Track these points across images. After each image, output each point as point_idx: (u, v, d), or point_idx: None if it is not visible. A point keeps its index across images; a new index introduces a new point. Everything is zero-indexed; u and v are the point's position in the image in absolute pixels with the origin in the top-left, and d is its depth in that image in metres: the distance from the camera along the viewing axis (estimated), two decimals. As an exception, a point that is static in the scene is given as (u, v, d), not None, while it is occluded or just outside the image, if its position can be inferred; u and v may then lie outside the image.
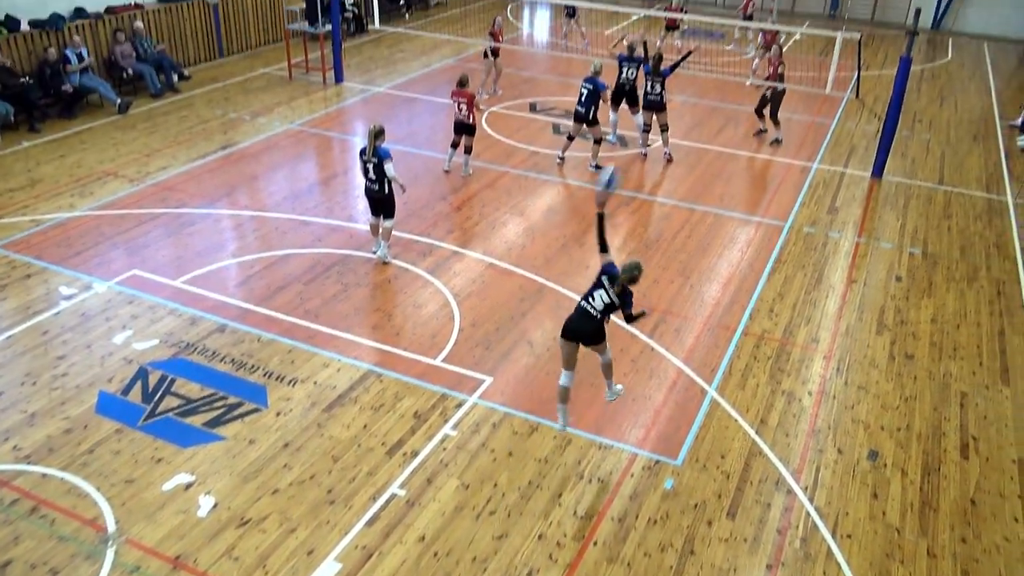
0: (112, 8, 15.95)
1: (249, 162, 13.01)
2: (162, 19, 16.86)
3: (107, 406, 7.44)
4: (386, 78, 17.73)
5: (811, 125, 15.97)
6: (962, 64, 21.49)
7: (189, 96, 16.03)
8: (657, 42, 19.95)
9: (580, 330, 6.83)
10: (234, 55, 18.76)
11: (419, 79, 17.79)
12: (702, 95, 17.52)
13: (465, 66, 18.80)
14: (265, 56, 18.99)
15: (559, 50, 20.49)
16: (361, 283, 9.60)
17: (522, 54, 20.22)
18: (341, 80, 17.21)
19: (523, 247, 10.66)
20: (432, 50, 20.18)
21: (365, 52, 19.85)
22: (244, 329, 8.61)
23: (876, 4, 25.52)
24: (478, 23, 22.99)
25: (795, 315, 9.39)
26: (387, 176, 9.50)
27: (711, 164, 13.72)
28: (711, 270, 10.28)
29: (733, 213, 11.90)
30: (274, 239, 10.57)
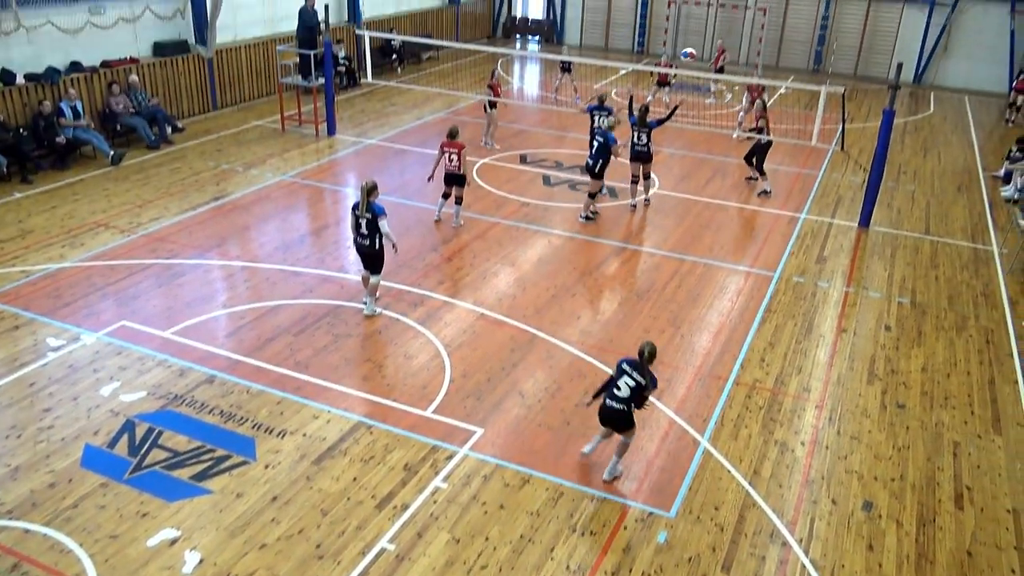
0: (108, 62, 16.19)
1: (241, 213, 13.09)
2: (157, 73, 17.12)
3: (92, 459, 7.35)
4: (378, 130, 17.97)
5: (798, 176, 16.22)
6: (944, 117, 21.97)
7: (182, 148, 16.19)
8: (648, 96, 20.35)
9: (611, 420, 7.30)
10: (228, 108, 19.01)
11: (411, 131, 18.03)
12: (690, 147, 17.81)
13: (456, 119, 19.10)
14: (258, 109, 19.25)
15: (549, 103, 20.86)
16: (352, 334, 9.60)
17: (513, 107, 20.57)
18: (334, 132, 17.43)
19: (514, 297, 10.70)
20: (424, 103, 20.51)
21: (357, 105, 20.15)
22: (233, 380, 8.56)
23: (859, 59, 26.18)
24: (469, 77, 23.42)
25: (786, 365, 9.42)
26: (379, 232, 9.54)
27: (700, 215, 13.89)
28: (701, 320, 10.33)
29: (723, 263, 12.01)
30: (265, 290, 10.58)
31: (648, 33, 28.44)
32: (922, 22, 25.03)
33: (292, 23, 19.28)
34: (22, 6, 14.48)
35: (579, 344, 9.60)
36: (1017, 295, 11.48)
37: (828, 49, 26.32)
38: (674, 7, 27.44)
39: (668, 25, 27.57)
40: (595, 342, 9.67)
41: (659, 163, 16.47)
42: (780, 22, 26.63)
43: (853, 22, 25.93)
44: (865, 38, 25.91)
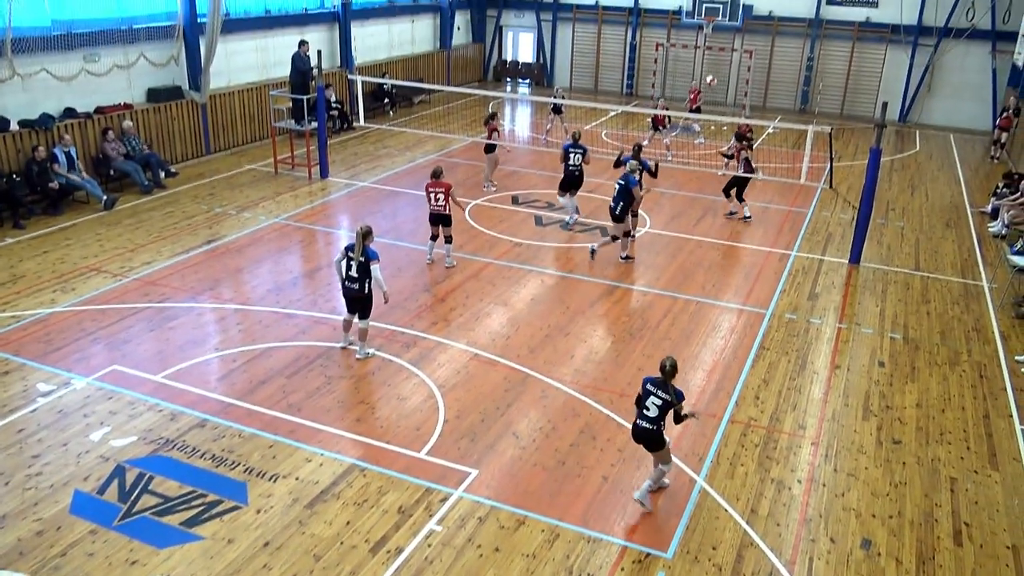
0: (102, 108, 16.34)
1: (234, 256, 13.13)
2: (151, 118, 17.28)
3: (82, 506, 7.26)
4: (370, 173, 18.12)
5: (788, 214, 16.39)
6: (930, 155, 22.30)
7: (175, 192, 16.28)
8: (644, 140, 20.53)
9: (642, 439, 7.44)
10: (221, 152, 19.17)
11: (403, 174, 18.20)
12: (680, 186, 18.00)
13: (448, 161, 19.29)
14: (251, 153, 19.41)
15: (540, 145, 21.10)
16: (345, 376, 9.57)
17: (504, 149, 20.72)
18: (326, 175, 17.57)
19: (507, 337, 10.71)
20: (416, 146, 20.72)
21: (350, 148, 20.35)
22: (225, 424, 8.51)
23: (844, 98, 26.63)
24: (460, 120, 23.70)
25: (781, 402, 9.42)
26: (370, 277, 9.54)
27: (692, 253, 13.99)
28: (695, 358, 10.35)
29: (715, 301, 12.07)
30: (257, 332, 10.57)
31: (636, 75, 28.91)
32: (905, 62, 25.54)
33: (285, 68, 19.56)
34: (17, 54, 14.67)
35: (573, 383, 9.59)
36: (1008, 330, 11.55)
37: (814, 89, 26.78)
38: (661, 50, 27.95)
39: (656, 67, 28.04)
40: (589, 381, 9.66)
41: (650, 202, 16.64)
42: (766, 64, 27.12)
43: (838, 63, 26.43)
44: (850, 78, 26.39)
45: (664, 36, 27.99)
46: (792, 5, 26.44)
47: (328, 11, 22.56)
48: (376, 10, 24.83)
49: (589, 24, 29.29)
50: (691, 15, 26.77)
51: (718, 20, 26.45)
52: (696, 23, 26.89)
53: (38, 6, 15.05)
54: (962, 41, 24.67)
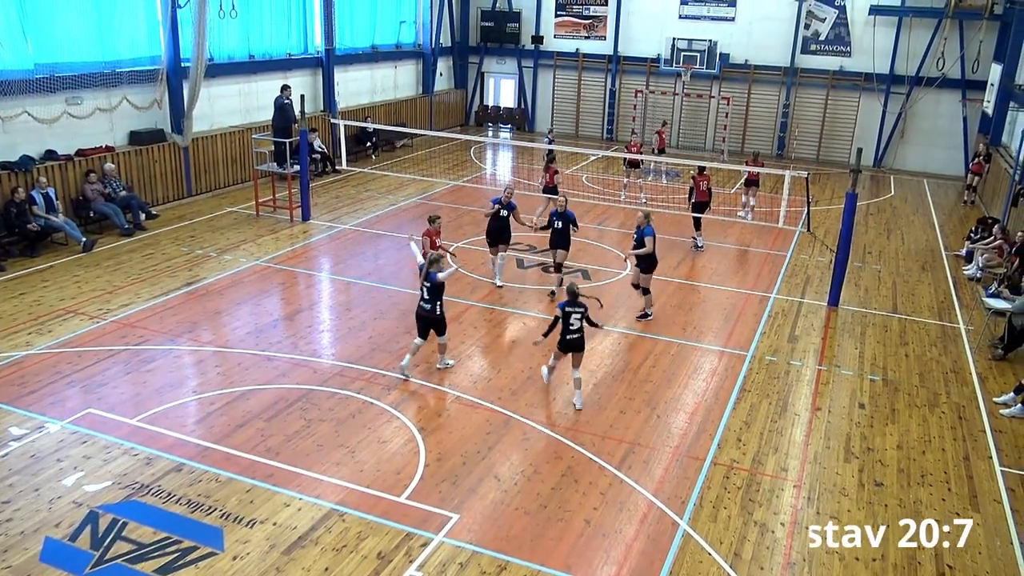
0: (83, 151, 16.35)
1: (213, 298, 13.07)
2: (132, 160, 17.30)
3: (52, 553, 7.10)
4: (352, 216, 18.20)
5: (767, 257, 16.59)
6: (905, 199, 22.74)
7: (156, 234, 16.24)
8: (623, 180, 20.85)
9: (574, 345, 9.97)
10: (202, 194, 19.18)
11: (385, 217, 18.28)
12: (661, 230, 18.13)
13: (431, 204, 19.41)
14: (233, 195, 19.44)
15: (523, 188, 21.29)
16: (324, 418, 9.50)
17: (487, 192, 20.90)
18: (308, 218, 17.62)
19: (488, 380, 10.69)
20: (398, 189, 20.86)
21: (332, 191, 20.45)
22: (202, 468, 8.39)
23: (820, 144, 27.18)
24: (442, 164, 23.92)
25: (763, 444, 9.44)
26: (439, 299, 10.36)
27: (672, 295, 14.10)
28: (677, 400, 10.37)
29: (696, 343, 12.14)
30: (236, 375, 10.49)
31: (616, 121, 29.39)
32: (879, 109, 26.17)
33: (268, 112, 19.69)
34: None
35: (555, 426, 9.57)
36: (986, 371, 11.69)
37: (790, 135, 27.33)
38: (641, 96, 28.48)
39: (636, 113, 28.54)
40: (570, 424, 9.64)
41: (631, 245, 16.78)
42: (743, 110, 27.68)
43: (813, 109, 27.04)
44: (825, 124, 26.98)
45: (643, 83, 28.55)
46: (768, 54, 27.11)
47: (312, 56, 22.83)
48: (359, 56, 25.17)
49: (570, 71, 29.83)
50: (669, 63, 27.36)
51: (696, 68, 27.04)
52: (674, 71, 27.46)
53: (21, 49, 15.13)
54: (933, 89, 25.36)
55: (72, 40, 16.11)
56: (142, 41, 17.56)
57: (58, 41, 15.85)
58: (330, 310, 13.07)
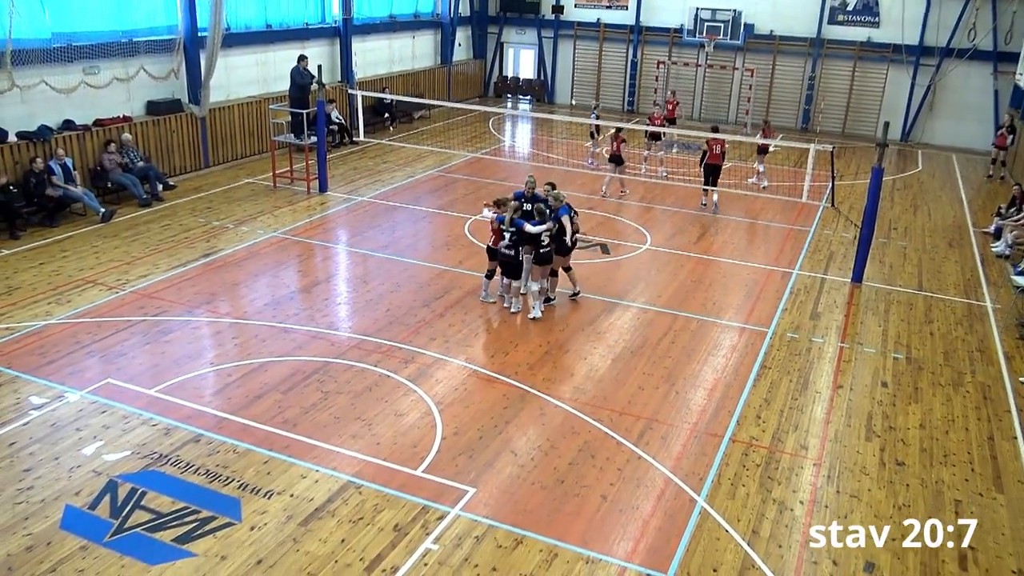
0: (100, 120, 16.38)
1: (231, 269, 13.12)
2: (149, 131, 17.32)
3: (73, 521, 7.20)
4: (370, 187, 18.15)
5: (790, 232, 16.41)
6: (932, 174, 22.37)
7: (173, 205, 16.29)
8: (644, 152, 20.61)
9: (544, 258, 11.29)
10: (219, 165, 19.19)
11: (402, 189, 18.23)
12: (682, 203, 18.03)
13: (447, 176, 19.33)
14: (250, 166, 19.45)
15: (540, 161, 21.13)
16: (341, 391, 9.54)
17: (505, 165, 20.79)
18: (325, 189, 17.60)
19: (506, 354, 10.68)
20: (415, 161, 20.77)
21: (350, 162, 20.40)
22: (220, 439, 8.46)
23: (846, 117, 26.74)
24: (461, 136, 23.78)
25: (783, 421, 9.38)
26: (520, 248, 11.32)
27: (693, 270, 13.99)
28: (696, 376, 10.32)
29: (716, 319, 12.06)
30: (253, 347, 10.54)
31: (638, 93, 29.04)
32: (907, 82, 25.67)
33: (284, 83, 19.63)
34: (17, 66, 14.72)
35: (572, 401, 9.56)
36: (1012, 351, 11.53)
37: (816, 108, 26.91)
38: (663, 68, 28.10)
39: (657, 85, 28.18)
40: (588, 399, 9.63)
41: (651, 219, 16.66)
42: (768, 82, 27.26)
43: (840, 82, 26.57)
44: (852, 97, 26.52)
45: (666, 54, 28.15)
46: (793, 24, 26.61)
47: (329, 26, 22.69)
48: (377, 26, 24.98)
49: (590, 41, 29.47)
50: (692, 33, 26.93)
51: (719, 38, 26.60)
52: (698, 41, 27.04)
53: (38, 18, 15.12)
54: (964, 61, 24.81)
55: (89, 9, 16.08)
56: (159, 10, 17.50)
57: (75, 10, 15.82)
58: (347, 282, 13.10)
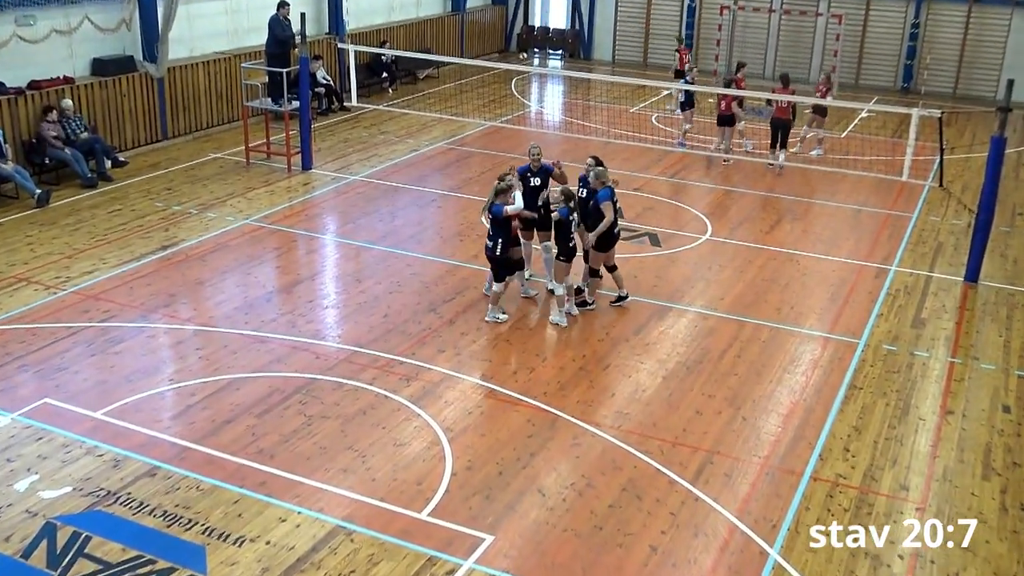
0: (36, 82, 16.58)
1: (194, 265, 13.24)
2: (95, 95, 17.53)
3: (1, 573, 7.30)
4: (364, 164, 18.25)
5: (887, 219, 16.29)
6: (1068, 146, 22.08)
7: (124, 186, 16.48)
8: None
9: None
10: (181, 137, 19.39)
11: (404, 165, 18.30)
12: (751, 183, 17.94)
13: (460, 150, 19.37)
14: (218, 138, 19.62)
15: (575, 130, 21.14)
16: (329, 415, 9.60)
17: (530, 136, 20.76)
18: (309, 166, 17.72)
19: (532, 370, 10.69)
20: (421, 131, 20.86)
21: (339, 133, 20.52)
22: (180, 473, 8.54)
23: (958, 75, 26.46)
24: (476, 100, 23.84)
25: (877, 455, 9.32)
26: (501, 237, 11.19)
27: (764, 267, 13.92)
28: (768, 398, 10.27)
29: (794, 327, 11.99)
30: (222, 360, 10.63)
31: (696, 46, 28.95)
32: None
33: (260, 36, 19.76)
34: (-64, 16, 14.94)
35: (614, 429, 9.55)
36: None
37: (920, 64, 26.66)
38: (728, 14, 27.96)
39: (721, 36, 28.04)
40: (634, 426, 9.62)
41: (714, 203, 16.61)
42: (860, 31, 27.05)
43: (950, 30, 26.31)
44: (966, 50, 26.24)
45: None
46: (892, -42, 26.42)
47: (315, -35, 22.85)
48: (374, -36, 25.13)
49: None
50: (765, -29, 26.83)
51: (799, -23, 26.48)
52: (771, -20, 26.92)
53: (-39, -43, 15.35)
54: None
55: (22, -54, 16.30)
56: (107, -53, 17.71)
57: (5, -53, 16.05)
58: (336, 281, 13.17)
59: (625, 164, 18.09)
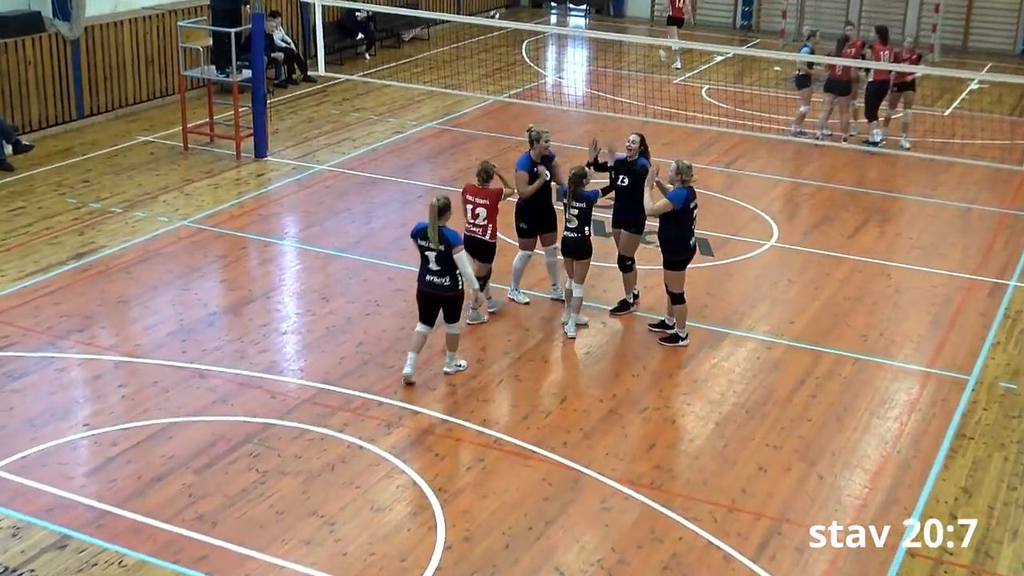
0: (-82, 46, 16.68)
1: (117, 279, 13.25)
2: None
3: None
4: (334, 150, 18.26)
5: (1002, 220, 16.26)
6: None
7: (28, 177, 16.51)
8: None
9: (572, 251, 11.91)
10: (101, 115, 19.42)
11: (384, 152, 18.32)
12: (829, 174, 17.92)
13: (456, 132, 19.34)
14: (149, 117, 19.66)
15: (602, 106, 21.12)
16: (287, 471, 9.58)
17: (546, 114, 20.74)
18: (264, 153, 17.73)
19: (548, 414, 10.68)
20: (406, 107, 20.89)
21: (303, 111, 20.56)
22: (98, 545, 8.52)
23: (1095, 36, 26.47)
24: (477, 68, 23.85)
25: (993, 525, 9.27)
26: (456, 269, 10.66)
27: (846, 281, 13.89)
28: (852, 451, 10.23)
29: (884, 359, 11.96)
30: (151, 400, 10.63)
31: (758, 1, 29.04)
32: None
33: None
34: None
35: (652, 489, 9.52)
36: None
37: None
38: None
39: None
40: (679, 486, 9.59)
41: (782, 199, 16.59)
42: (968, -19, 27.11)
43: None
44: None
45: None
46: None
47: None
48: None
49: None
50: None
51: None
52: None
53: None
54: None
55: None
56: None
57: None
58: (297, 299, 13.17)
59: (667, 151, 18.00)
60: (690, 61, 25.11)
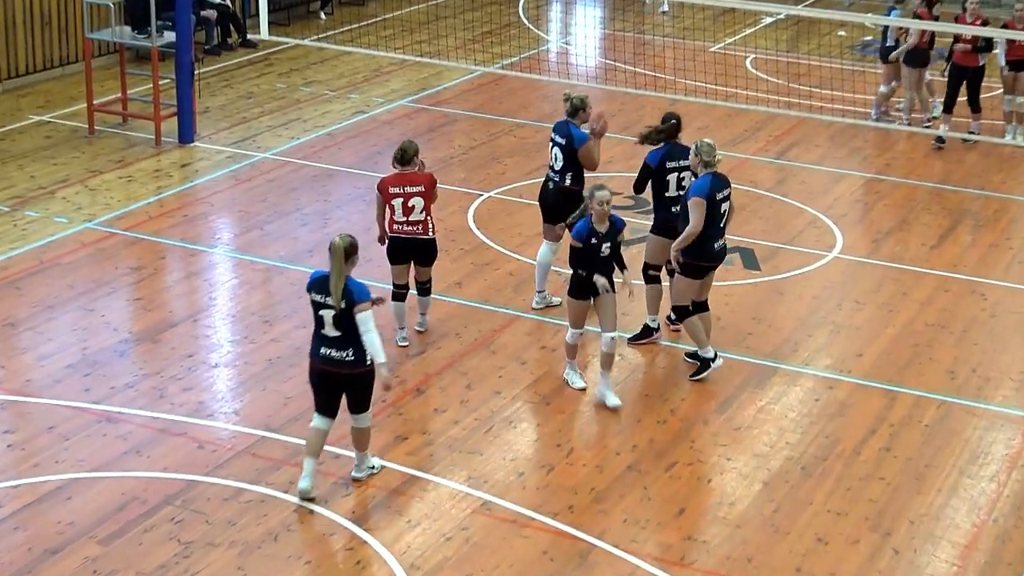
0: None
1: (3, 296, 13.25)
2: None
3: None
4: (279, 134, 18.29)
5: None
6: None
7: None
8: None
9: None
10: (-17, 89, 19.51)
11: (344, 136, 18.35)
12: (907, 170, 17.94)
13: (434, 111, 19.39)
14: (45, 90, 19.70)
15: (619, 80, 21.16)
16: (218, 542, 9.55)
17: (549, 89, 20.80)
18: (191, 137, 17.75)
19: (550, 469, 10.68)
20: (370, 80, 20.93)
21: (240, 84, 20.58)
22: (-26, 636, 8.51)
23: None
24: (461, 32, 23.90)
25: (1119, 613, 9.29)
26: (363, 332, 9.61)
27: (929, 303, 13.91)
28: (936, 518, 10.22)
29: (977, 402, 11.98)
30: (46, 449, 10.61)
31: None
32: None
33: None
34: None
35: (683, 567, 9.51)
36: None
37: None
38: None
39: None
40: (716, 562, 9.57)
41: (848, 199, 16.64)
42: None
43: None
44: None
45: None
46: None
47: None
48: None
49: None
50: None
51: None
52: None
53: None
54: None
55: None
56: None
57: None
58: (232, 323, 13.16)
59: (702, 135, 18.10)
60: (731, 24, 25.18)
